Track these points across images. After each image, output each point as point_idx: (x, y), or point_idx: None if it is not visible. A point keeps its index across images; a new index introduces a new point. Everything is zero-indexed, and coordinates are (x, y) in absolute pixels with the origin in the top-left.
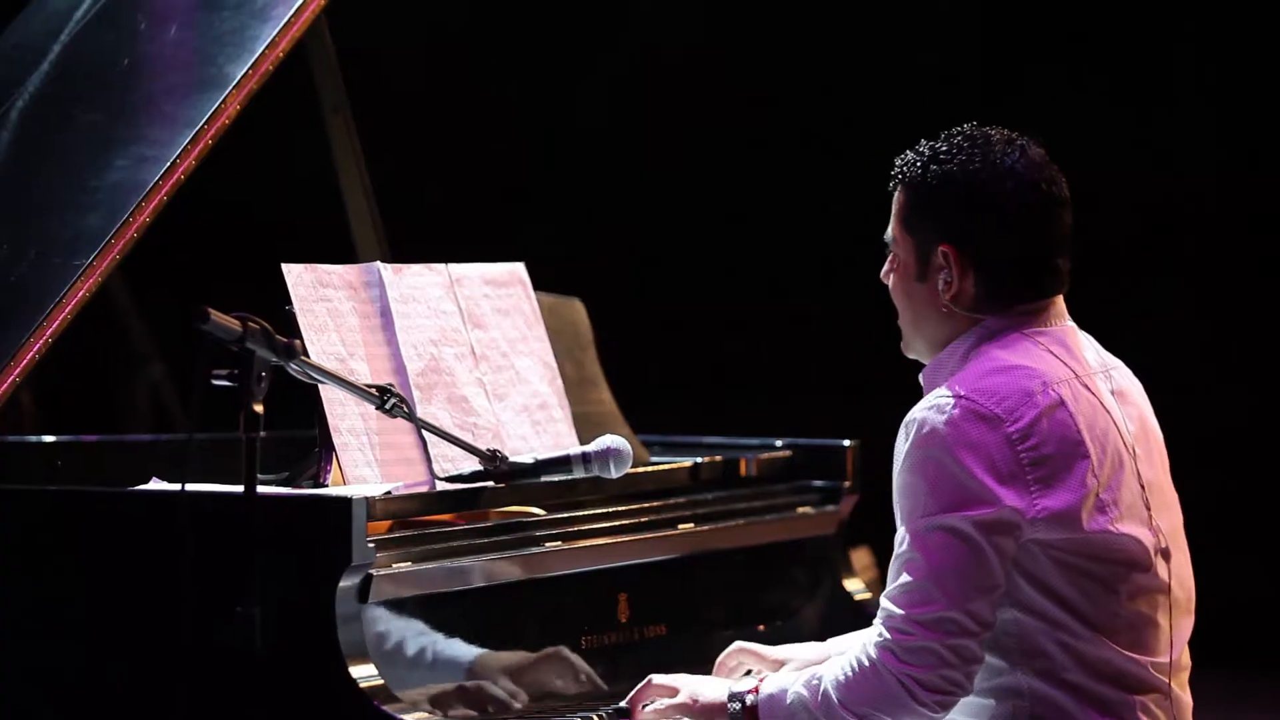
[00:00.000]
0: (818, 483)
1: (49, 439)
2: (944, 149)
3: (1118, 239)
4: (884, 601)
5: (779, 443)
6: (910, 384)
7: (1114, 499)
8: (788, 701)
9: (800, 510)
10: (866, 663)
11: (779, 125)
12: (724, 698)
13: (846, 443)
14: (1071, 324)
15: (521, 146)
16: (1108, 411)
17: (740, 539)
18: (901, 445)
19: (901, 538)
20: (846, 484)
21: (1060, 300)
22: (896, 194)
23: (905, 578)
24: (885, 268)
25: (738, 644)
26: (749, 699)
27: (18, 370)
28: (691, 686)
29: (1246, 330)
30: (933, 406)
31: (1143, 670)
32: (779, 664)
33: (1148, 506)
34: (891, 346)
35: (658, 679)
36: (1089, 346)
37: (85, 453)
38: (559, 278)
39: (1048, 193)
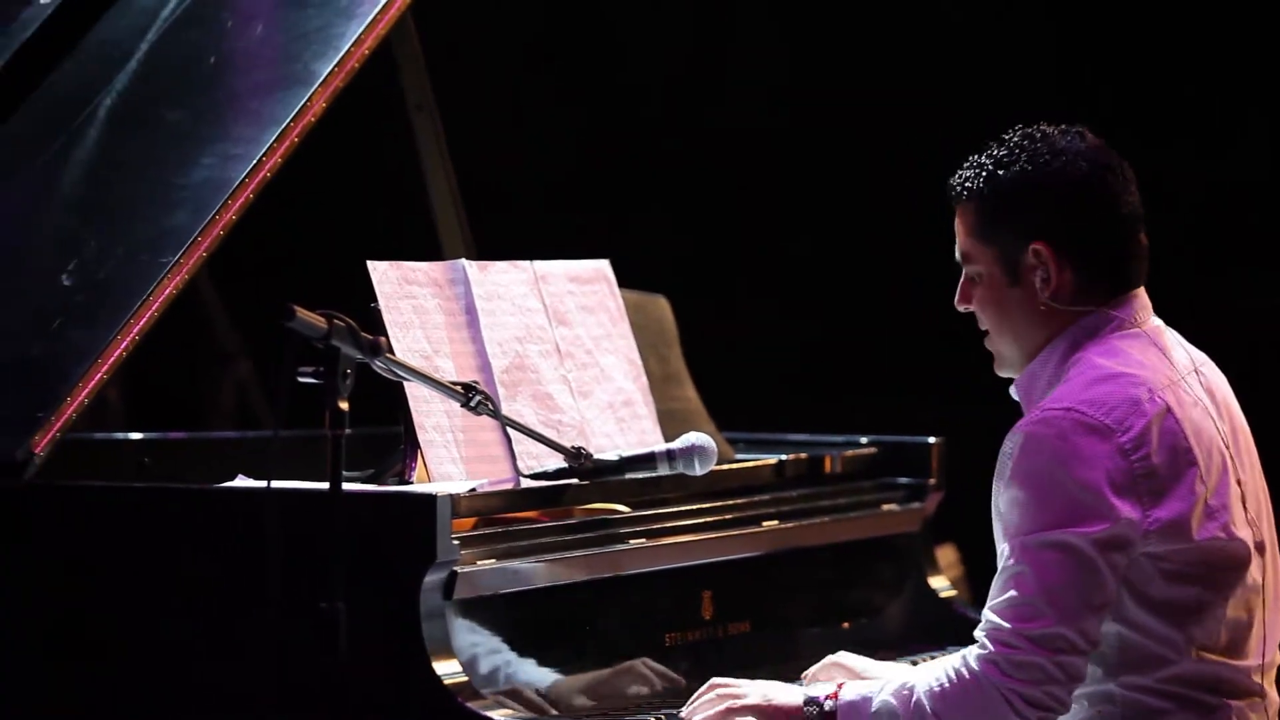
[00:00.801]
0: (902, 480)
1: (136, 436)
2: (1004, 154)
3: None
4: (988, 614)
5: (864, 440)
6: (993, 379)
7: (1222, 503)
8: (873, 709)
9: (885, 507)
10: (967, 674)
11: (867, 122)
12: (799, 701)
13: (931, 440)
14: (1159, 321)
15: (606, 143)
16: (1206, 412)
17: (825, 536)
18: (1006, 459)
19: (1006, 552)
20: (931, 481)
21: (1144, 294)
22: (961, 211)
23: (1013, 593)
24: (960, 294)
25: (831, 658)
26: (828, 704)
27: (106, 367)
28: (761, 688)
29: None
30: (1040, 420)
31: (1238, 675)
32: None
33: (1244, 504)
34: (975, 343)
35: (720, 682)
36: (1177, 345)
37: (172, 450)
38: (644, 275)
39: (1120, 170)
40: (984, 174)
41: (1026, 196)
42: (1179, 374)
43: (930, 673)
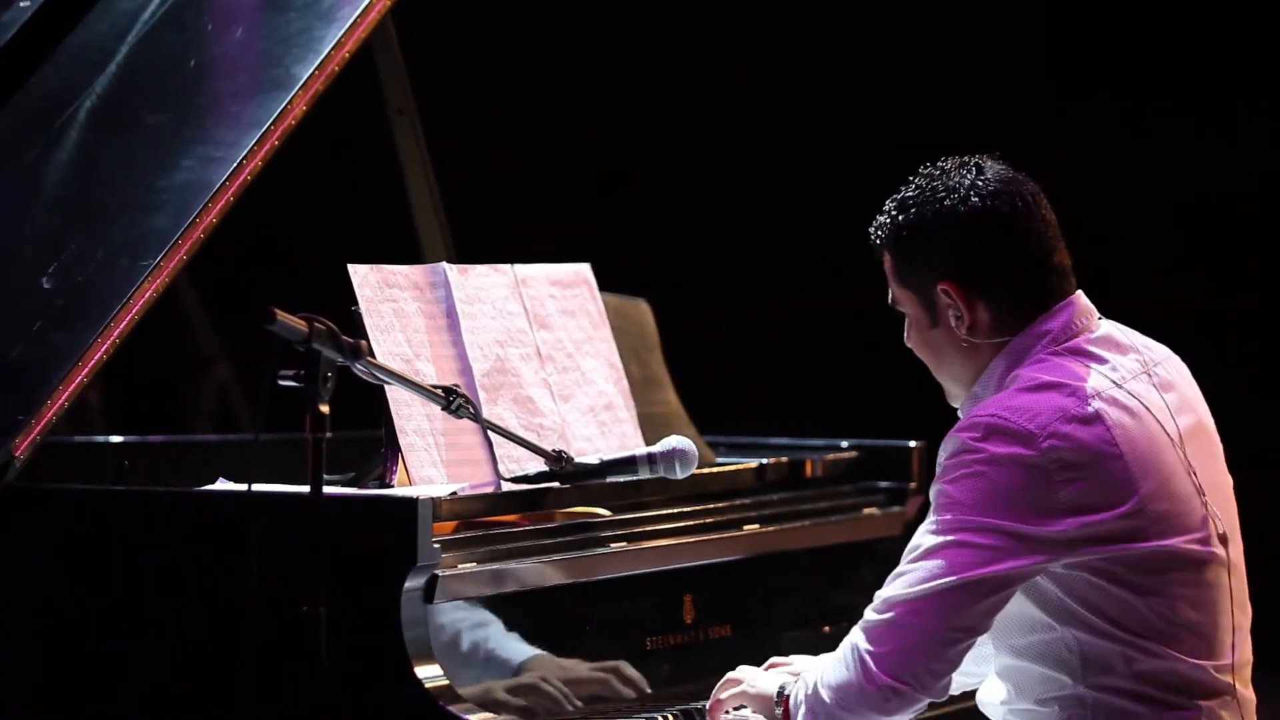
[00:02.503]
0: (883, 484)
1: (116, 439)
2: (908, 195)
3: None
4: (879, 600)
5: (845, 443)
6: None
7: (1168, 508)
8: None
9: (866, 511)
10: (849, 666)
11: (848, 126)
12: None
13: (912, 444)
14: (1105, 322)
15: (587, 148)
16: (1151, 413)
17: (806, 540)
18: (940, 459)
19: (914, 545)
20: (912, 485)
21: (1082, 299)
22: (884, 259)
23: (886, 595)
24: (906, 333)
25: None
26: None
27: (86, 370)
28: (750, 676)
29: None
30: (965, 425)
31: (1207, 675)
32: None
33: (1203, 501)
34: None
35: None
36: (1127, 344)
37: (152, 453)
38: (625, 279)
39: (1015, 196)
40: (889, 220)
41: (925, 239)
42: (1123, 376)
43: (827, 662)
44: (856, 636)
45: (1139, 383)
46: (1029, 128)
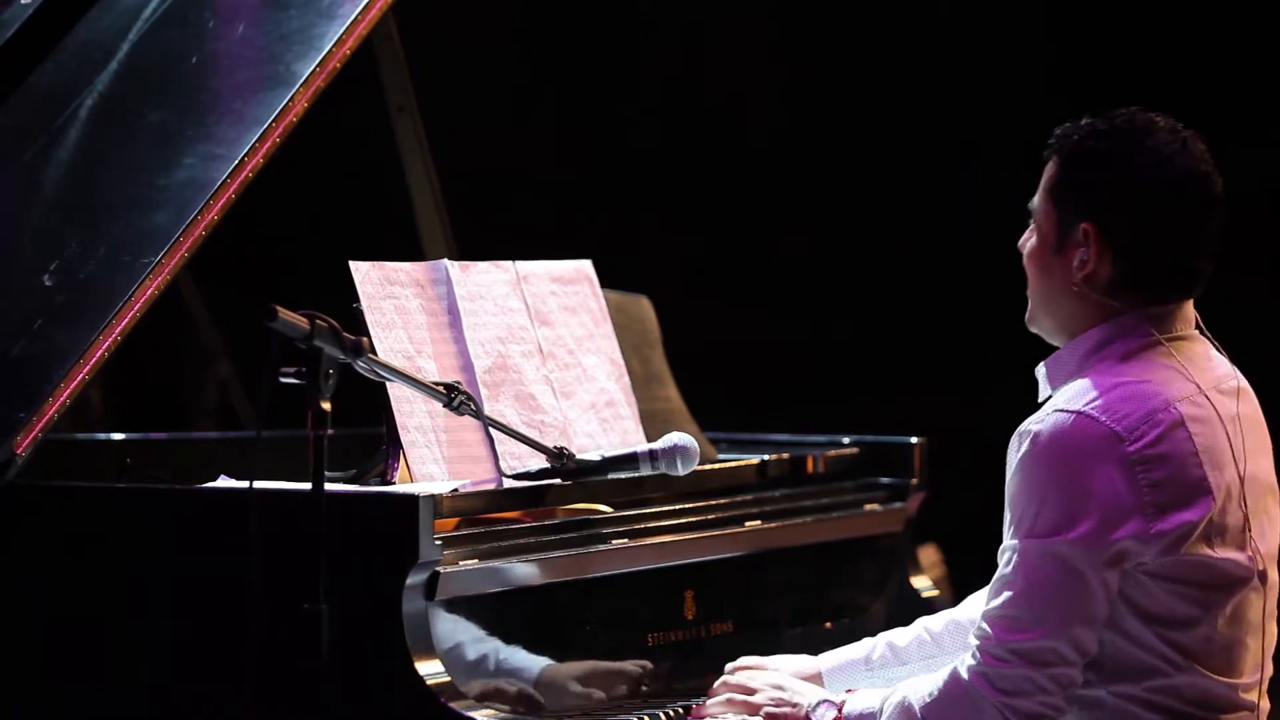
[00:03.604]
0: (885, 480)
1: (118, 436)
2: (1104, 127)
3: None
4: (981, 621)
5: (846, 440)
6: (975, 380)
7: (1226, 524)
8: None
9: (867, 507)
10: (957, 685)
11: (851, 125)
12: (804, 710)
13: (914, 440)
14: (1197, 333)
15: (585, 144)
16: (1225, 431)
17: (807, 536)
18: (1014, 455)
19: (1007, 552)
20: (914, 481)
21: (1189, 307)
22: (1049, 164)
23: (1004, 599)
24: (1024, 236)
25: (727, 667)
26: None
27: (87, 368)
28: (771, 689)
29: None
30: (1051, 418)
31: (1231, 693)
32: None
33: (1249, 529)
34: (958, 344)
35: (744, 664)
36: (1212, 358)
37: (154, 450)
38: (626, 275)
39: (1202, 191)
40: (1079, 136)
41: (1098, 176)
42: (1207, 386)
43: (924, 683)
44: (971, 679)
45: (1220, 396)
46: (1028, 128)
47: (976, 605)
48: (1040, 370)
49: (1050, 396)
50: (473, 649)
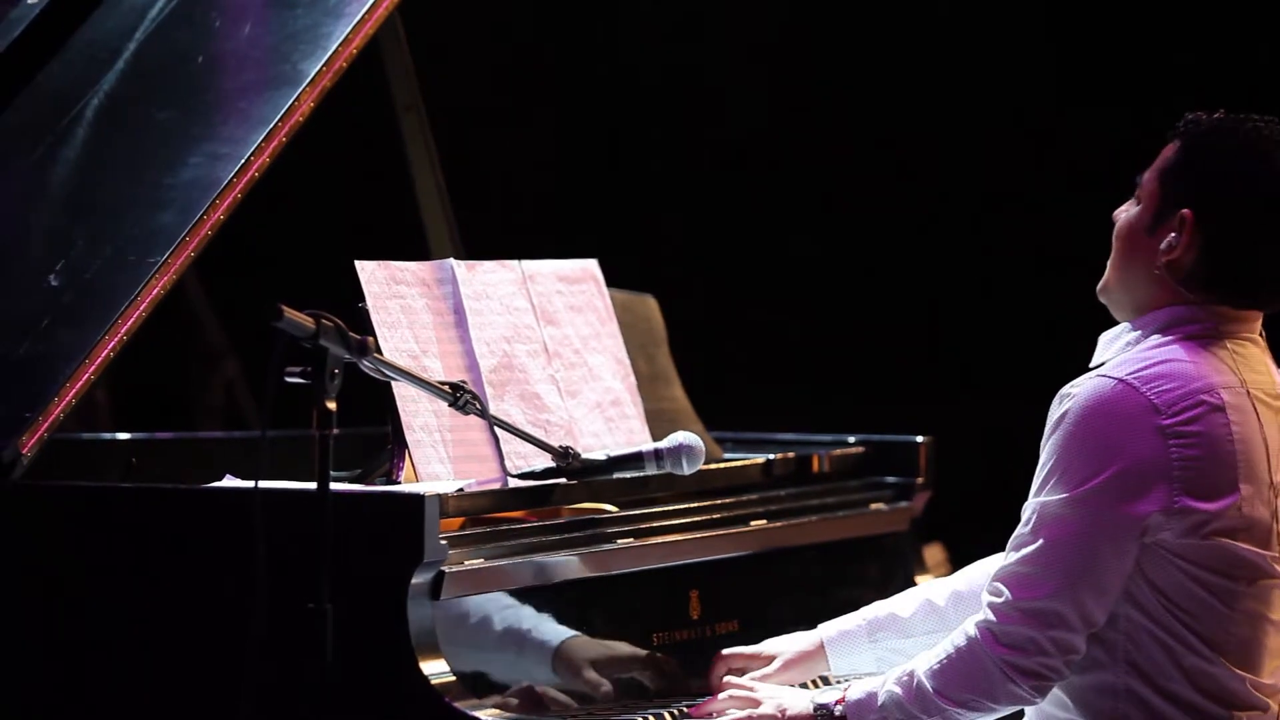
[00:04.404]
0: (890, 479)
1: (124, 436)
2: (1244, 127)
3: None
4: (994, 580)
5: (852, 439)
6: (980, 380)
7: (1251, 518)
8: (879, 703)
9: (873, 506)
10: (964, 643)
11: (854, 125)
12: (809, 709)
13: (919, 439)
14: (1259, 339)
15: (594, 144)
16: (1263, 434)
17: (813, 535)
18: (1053, 415)
19: (1028, 510)
20: (919, 480)
21: (1259, 316)
22: (1170, 145)
23: (1019, 557)
24: (1123, 206)
25: (720, 654)
26: (837, 709)
27: (93, 367)
28: (776, 697)
29: None
30: (1093, 382)
31: (1247, 689)
32: (769, 659)
33: (1275, 532)
34: (963, 343)
35: (734, 682)
36: (1268, 366)
37: (159, 450)
38: (632, 274)
39: None
40: (1208, 127)
41: (1212, 168)
42: (1248, 387)
43: (930, 654)
44: (978, 633)
45: (1265, 400)
46: (1029, 128)
47: (978, 573)
48: (1102, 337)
49: (1102, 365)
50: (478, 649)
